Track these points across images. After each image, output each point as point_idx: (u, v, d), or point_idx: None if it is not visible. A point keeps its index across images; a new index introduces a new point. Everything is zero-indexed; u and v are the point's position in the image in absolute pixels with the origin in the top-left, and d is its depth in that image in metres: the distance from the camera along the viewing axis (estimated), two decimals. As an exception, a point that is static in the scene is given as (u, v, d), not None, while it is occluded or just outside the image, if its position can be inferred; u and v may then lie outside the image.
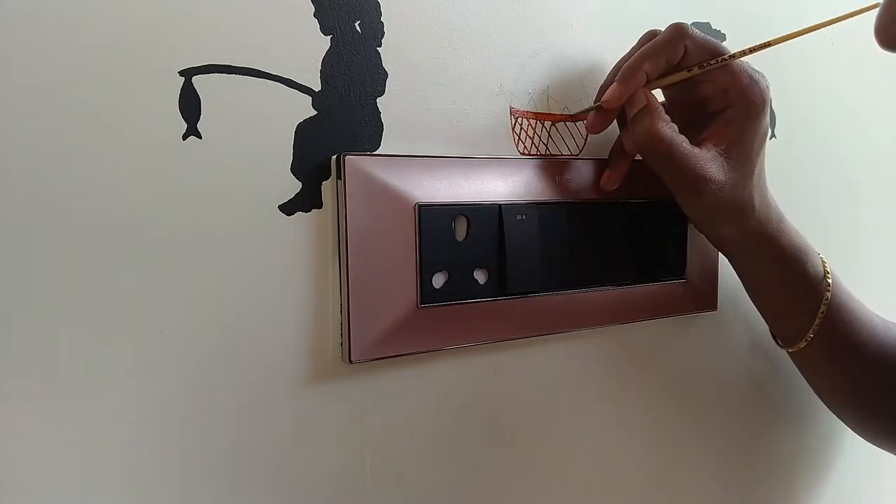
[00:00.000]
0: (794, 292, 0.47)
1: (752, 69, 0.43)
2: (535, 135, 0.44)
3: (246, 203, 0.35)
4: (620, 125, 0.45)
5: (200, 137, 0.34)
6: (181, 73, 0.33)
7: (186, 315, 0.34)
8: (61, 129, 0.31)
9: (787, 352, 0.51)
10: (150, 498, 0.34)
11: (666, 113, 0.42)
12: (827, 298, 0.47)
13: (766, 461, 0.60)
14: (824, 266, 0.48)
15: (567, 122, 0.46)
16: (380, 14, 0.38)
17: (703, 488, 0.56)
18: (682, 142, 0.41)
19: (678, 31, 0.41)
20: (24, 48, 0.30)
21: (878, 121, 0.66)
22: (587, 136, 0.47)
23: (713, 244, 0.48)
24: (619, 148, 0.46)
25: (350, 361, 0.38)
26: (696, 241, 0.50)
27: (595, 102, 0.44)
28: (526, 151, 0.44)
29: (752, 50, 0.41)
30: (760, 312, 0.51)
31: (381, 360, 0.39)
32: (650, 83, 0.42)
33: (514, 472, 0.45)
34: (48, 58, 0.30)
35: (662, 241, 0.49)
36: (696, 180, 0.41)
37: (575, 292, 0.45)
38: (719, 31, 0.53)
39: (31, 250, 0.31)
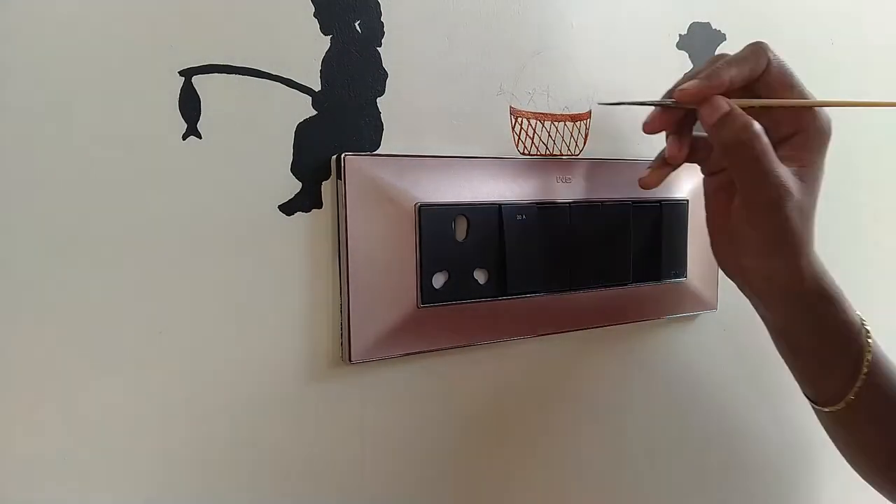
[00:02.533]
0: (833, 339, 0.43)
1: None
2: (536, 135, 0.44)
3: (246, 203, 0.35)
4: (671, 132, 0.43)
5: (200, 137, 0.34)
6: (181, 73, 0.33)
7: (186, 315, 0.34)
8: (61, 128, 0.31)
9: (823, 412, 0.46)
10: (149, 498, 0.34)
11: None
12: (870, 349, 0.43)
13: (766, 461, 0.60)
14: (860, 316, 0.44)
15: (567, 122, 0.45)
16: (380, 14, 0.38)
17: (703, 488, 0.56)
18: (772, 150, 0.39)
19: (761, 46, 0.41)
20: (24, 48, 0.30)
21: (878, 121, 0.66)
22: (587, 136, 0.47)
23: (748, 288, 0.44)
24: (664, 155, 0.43)
25: (350, 361, 0.38)
26: (697, 241, 0.50)
27: (667, 97, 0.42)
28: (526, 151, 0.44)
29: (830, 103, 0.41)
30: (794, 371, 0.46)
31: (381, 361, 0.39)
32: (729, 94, 0.40)
33: (513, 472, 0.45)
34: (48, 58, 0.30)
35: (663, 241, 0.49)
36: (781, 189, 0.39)
37: (575, 292, 0.45)
38: (719, 31, 0.53)
39: (30, 250, 0.31)
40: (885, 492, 0.49)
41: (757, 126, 0.39)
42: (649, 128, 0.42)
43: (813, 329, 0.44)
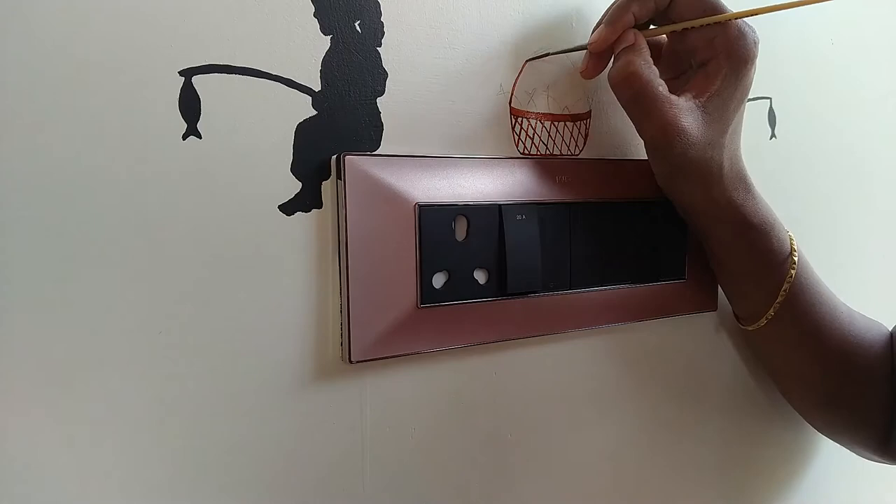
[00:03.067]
0: (757, 266, 0.46)
1: (744, 22, 0.42)
2: (536, 135, 0.44)
3: (246, 203, 0.35)
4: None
5: (200, 137, 0.34)
6: (181, 72, 0.33)
7: (186, 315, 0.34)
8: (61, 128, 0.31)
9: (746, 331, 0.49)
10: (149, 498, 0.34)
11: (657, 62, 0.42)
12: (791, 276, 0.45)
13: (766, 461, 0.60)
14: (791, 243, 0.46)
15: (567, 122, 0.45)
16: (380, 14, 0.38)
17: (702, 488, 0.56)
18: (659, 85, 0.40)
19: None
20: (24, 48, 0.30)
21: (878, 120, 0.66)
22: (587, 136, 0.47)
23: (677, 208, 0.47)
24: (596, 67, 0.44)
25: (350, 361, 0.38)
26: (696, 242, 0.50)
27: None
28: (526, 151, 0.44)
29: (745, 13, 0.41)
30: (723, 288, 0.49)
31: (381, 360, 0.39)
32: (637, 27, 0.41)
33: (513, 472, 0.45)
34: (48, 58, 0.30)
35: (662, 241, 0.49)
36: (667, 128, 0.40)
37: (575, 292, 0.45)
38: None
39: (30, 250, 0.31)
40: (816, 423, 0.52)
41: (639, 63, 0.40)
42: (585, 74, 0.44)
43: (735, 253, 0.46)
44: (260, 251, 0.36)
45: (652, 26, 0.44)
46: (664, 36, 0.44)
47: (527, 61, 0.43)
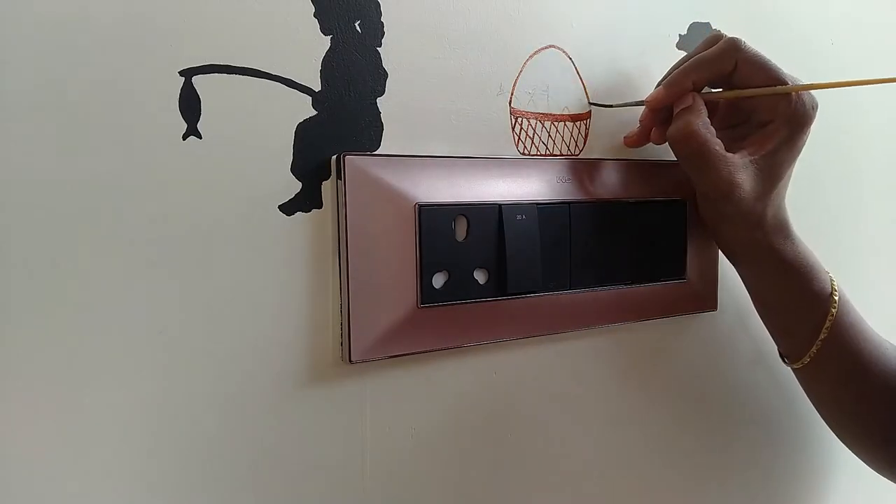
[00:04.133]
0: (799, 307, 0.47)
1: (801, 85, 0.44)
2: (535, 135, 0.44)
3: (246, 203, 0.35)
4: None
5: (200, 137, 0.34)
6: (181, 72, 0.33)
7: (186, 315, 0.34)
8: (61, 129, 0.31)
9: (792, 369, 0.50)
10: (149, 498, 0.34)
11: (714, 115, 0.44)
12: (832, 315, 0.47)
13: (766, 461, 0.60)
14: (832, 284, 0.48)
15: (567, 122, 0.45)
16: (380, 14, 0.38)
17: (702, 488, 0.56)
18: (716, 144, 0.42)
19: (731, 45, 0.43)
20: (24, 48, 0.30)
21: (879, 120, 0.66)
22: (587, 136, 0.47)
23: (723, 251, 0.48)
24: (648, 120, 0.46)
25: (350, 361, 0.38)
26: (696, 242, 0.50)
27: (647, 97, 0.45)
28: (526, 151, 0.44)
29: (806, 87, 0.43)
30: (767, 327, 0.50)
31: (381, 361, 0.39)
32: (696, 92, 0.43)
33: (513, 472, 0.45)
34: (48, 58, 0.30)
35: (662, 241, 0.49)
36: (721, 184, 0.42)
37: (575, 292, 0.45)
38: (720, 31, 0.53)
39: (30, 250, 0.31)
40: (875, 464, 0.52)
41: (697, 124, 0.42)
42: (630, 142, 0.47)
43: (777, 294, 0.48)
44: (260, 251, 0.36)
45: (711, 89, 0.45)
46: None
47: (590, 104, 0.46)
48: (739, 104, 0.46)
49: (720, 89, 0.45)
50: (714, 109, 0.46)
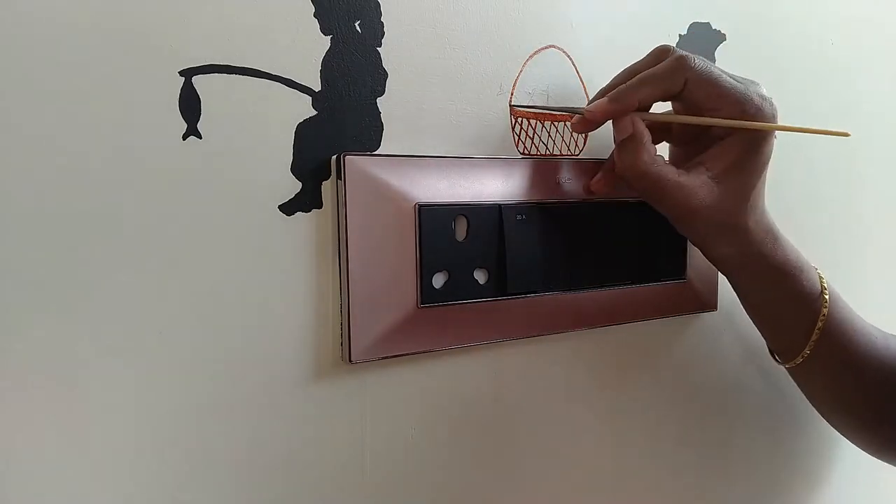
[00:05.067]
0: (790, 308, 0.47)
1: (760, 95, 0.41)
2: (536, 135, 0.44)
3: (246, 203, 0.35)
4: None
5: (200, 137, 0.34)
6: (181, 73, 0.33)
7: (186, 315, 0.34)
8: (61, 129, 0.31)
9: (786, 368, 0.50)
10: (150, 498, 0.34)
11: (669, 134, 0.44)
12: (824, 315, 0.46)
13: (767, 462, 0.60)
14: (822, 282, 0.47)
15: (567, 122, 0.45)
16: (380, 14, 0.38)
17: (703, 488, 0.56)
18: (668, 173, 0.40)
19: (681, 63, 0.40)
20: (24, 49, 0.30)
21: (878, 120, 0.66)
22: (587, 136, 0.47)
23: (711, 263, 0.47)
24: (611, 162, 0.45)
25: (350, 361, 0.38)
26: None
27: (587, 105, 0.42)
28: (526, 151, 0.44)
29: (757, 126, 0.40)
30: (758, 329, 0.50)
31: (381, 360, 0.39)
32: (641, 112, 0.41)
33: (513, 472, 0.45)
34: (48, 58, 0.30)
35: (662, 241, 0.49)
36: (682, 209, 0.41)
37: (575, 292, 0.45)
38: (719, 31, 0.53)
39: (31, 250, 0.31)
40: (869, 447, 0.53)
41: (644, 160, 0.40)
42: (575, 129, 0.42)
43: (766, 297, 0.47)
44: (260, 251, 0.36)
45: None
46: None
47: (511, 106, 0.43)
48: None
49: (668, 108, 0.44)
50: (667, 128, 0.45)
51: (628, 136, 0.40)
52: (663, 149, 0.46)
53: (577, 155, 0.46)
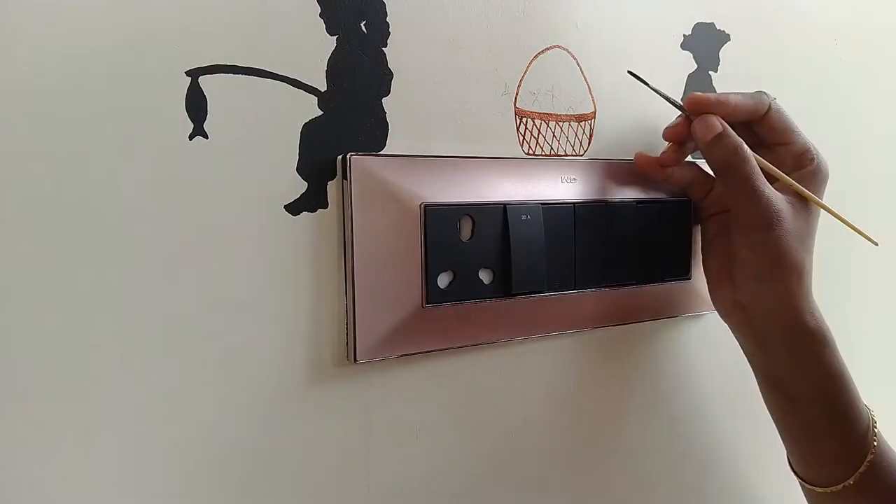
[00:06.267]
0: (838, 407, 0.42)
1: (824, 162, 0.45)
2: (540, 135, 0.44)
3: (252, 203, 0.35)
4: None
5: (207, 137, 0.34)
6: (188, 73, 0.33)
7: (192, 314, 0.34)
8: (67, 129, 0.31)
9: (814, 491, 0.44)
10: (152, 497, 0.34)
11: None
12: (876, 430, 0.43)
13: (770, 460, 0.60)
14: (871, 416, 0.43)
15: (571, 122, 0.45)
16: (385, 15, 0.38)
17: (705, 489, 0.56)
18: (760, 170, 0.42)
19: (764, 94, 0.44)
20: (29, 48, 0.30)
21: (881, 119, 0.66)
22: (592, 136, 0.47)
23: (749, 319, 0.43)
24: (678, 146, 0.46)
25: (355, 361, 0.38)
26: (700, 241, 0.50)
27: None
28: (531, 151, 0.44)
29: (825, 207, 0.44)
30: (785, 436, 0.45)
31: (386, 360, 0.39)
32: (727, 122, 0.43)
33: (518, 472, 0.45)
34: (54, 58, 0.30)
35: (667, 240, 0.49)
36: (770, 210, 0.41)
37: (580, 292, 0.45)
38: (724, 31, 0.53)
39: (34, 250, 0.31)
40: None
41: (747, 149, 0.42)
42: (668, 134, 0.45)
43: (810, 379, 0.42)
44: (265, 251, 0.36)
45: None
46: None
47: (628, 72, 0.44)
48: (768, 157, 0.44)
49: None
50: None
51: (719, 133, 0.42)
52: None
53: (582, 155, 0.46)
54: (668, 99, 0.44)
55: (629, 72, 0.44)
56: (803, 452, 0.45)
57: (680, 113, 0.44)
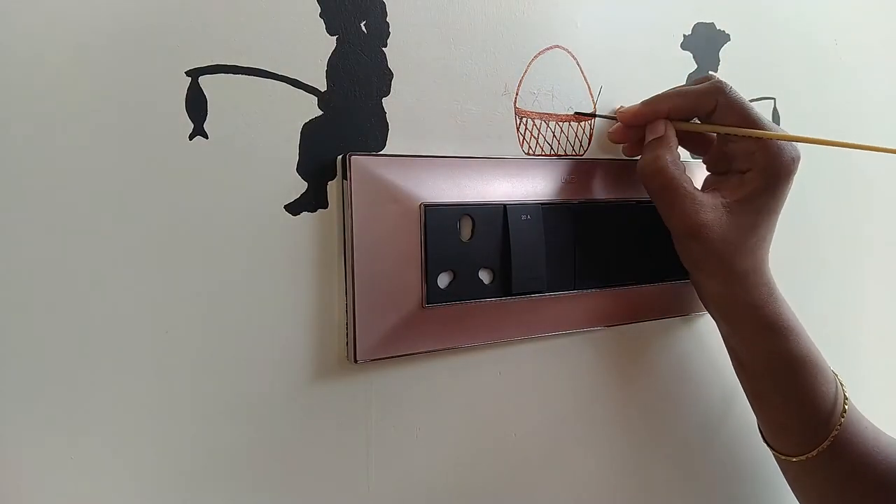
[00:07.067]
0: (791, 401, 0.43)
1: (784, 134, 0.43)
2: (540, 135, 0.44)
3: (252, 203, 0.35)
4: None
5: (207, 137, 0.34)
6: (188, 73, 0.33)
7: (192, 314, 0.34)
8: (67, 129, 0.31)
9: (780, 458, 0.46)
10: (154, 497, 0.34)
11: (705, 157, 0.45)
12: (846, 401, 0.43)
13: (768, 461, 0.60)
14: (838, 381, 0.44)
15: (571, 122, 0.46)
16: (385, 14, 0.38)
17: (706, 488, 0.56)
18: (685, 181, 0.41)
19: (716, 86, 0.42)
20: (30, 48, 0.30)
21: (882, 119, 0.66)
22: (592, 136, 0.47)
23: (704, 306, 0.47)
24: (633, 145, 0.46)
25: (355, 361, 0.38)
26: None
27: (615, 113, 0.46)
28: (531, 151, 0.44)
29: (781, 137, 0.42)
30: (756, 411, 0.47)
31: (386, 360, 0.39)
32: (672, 121, 0.43)
33: (518, 471, 0.45)
34: (54, 58, 0.30)
35: (668, 241, 0.49)
36: (687, 220, 0.41)
37: (580, 292, 0.45)
38: (724, 31, 0.53)
39: (36, 250, 0.31)
40: None
41: (666, 159, 0.41)
42: (612, 137, 0.46)
43: (759, 358, 0.44)
44: (265, 251, 0.36)
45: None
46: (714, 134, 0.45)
47: (576, 114, 0.45)
48: (725, 150, 0.44)
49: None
50: (705, 151, 0.46)
51: (656, 137, 0.42)
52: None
53: (582, 155, 0.46)
54: (606, 117, 0.46)
55: (577, 112, 0.45)
56: (759, 418, 0.47)
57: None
